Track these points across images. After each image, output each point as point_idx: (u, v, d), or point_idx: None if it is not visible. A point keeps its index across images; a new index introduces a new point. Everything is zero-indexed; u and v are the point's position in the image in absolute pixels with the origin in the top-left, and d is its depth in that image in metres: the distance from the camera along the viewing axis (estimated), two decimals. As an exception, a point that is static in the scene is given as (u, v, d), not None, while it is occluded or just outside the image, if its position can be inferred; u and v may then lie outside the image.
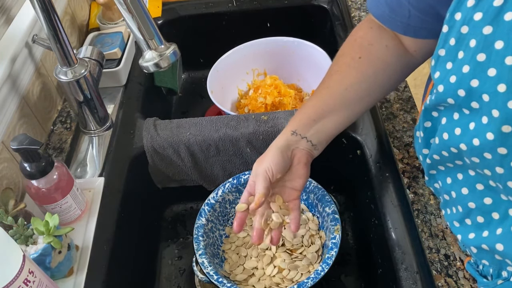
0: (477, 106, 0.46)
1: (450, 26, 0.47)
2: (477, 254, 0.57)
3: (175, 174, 0.87)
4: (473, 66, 0.45)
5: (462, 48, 0.46)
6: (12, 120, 0.77)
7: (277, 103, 1.00)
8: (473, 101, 0.47)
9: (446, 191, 0.58)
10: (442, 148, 0.53)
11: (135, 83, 0.98)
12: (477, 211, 0.55)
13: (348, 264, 0.85)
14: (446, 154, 0.53)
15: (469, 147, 0.48)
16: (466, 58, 0.46)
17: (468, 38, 0.45)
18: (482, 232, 0.54)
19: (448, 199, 0.59)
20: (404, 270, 0.63)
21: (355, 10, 1.08)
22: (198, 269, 0.75)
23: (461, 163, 0.53)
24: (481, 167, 0.50)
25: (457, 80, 0.47)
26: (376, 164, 0.77)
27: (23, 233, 0.62)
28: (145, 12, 0.62)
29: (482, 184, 0.52)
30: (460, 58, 0.46)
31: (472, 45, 0.45)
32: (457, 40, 0.47)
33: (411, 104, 0.86)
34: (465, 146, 0.49)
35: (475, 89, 0.45)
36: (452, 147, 0.51)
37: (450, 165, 0.55)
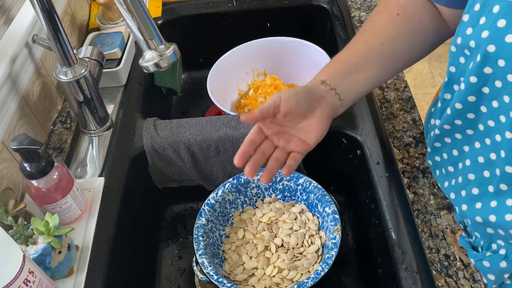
0: (490, 71, 0.48)
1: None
2: (471, 226, 0.59)
3: (175, 174, 0.87)
4: (492, 32, 0.46)
5: (485, 14, 0.47)
6: (12, 120, 0.77)
7: (277, 103, 1.00)
8: (486, 67, 0.48)
9: (452, 163, 0.59)
10: (456, 117, 0.54)
11: (135, 83, 0.98)
12: (475, 182, 0.56)
13: (348, 264, 0.85)
14: (459, 123, 0.54)
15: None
16: (487, 23, 0.46)
17: (492, 4, 0.46)
18: (475, 203, 0.55)
19: (452, 170, 0.60)
20: (404, 270, 0.63)
21: (355, 10, 1.08)
22: (198, 269, 0.75)
23: (472, 132, 0.55)
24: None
25: (476, 44, 0.48)
26: (376, 164, 0.77)
27: (23, 233, 0.62)
28: (145, 12, 0.62)
29: (483, 157, 0.54)
30: (481, 23, 0.47)
31: (495, 10, 0.46)
32: (482, 6, 0.47)
33: (411, 104, 0.86)
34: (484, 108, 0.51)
35: (492, 54, 0.46)
36: (469, 112, 0.53)
37: (458, 136, 0.57)
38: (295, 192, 0.82)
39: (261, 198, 0.84)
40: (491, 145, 0.53)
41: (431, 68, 2.27)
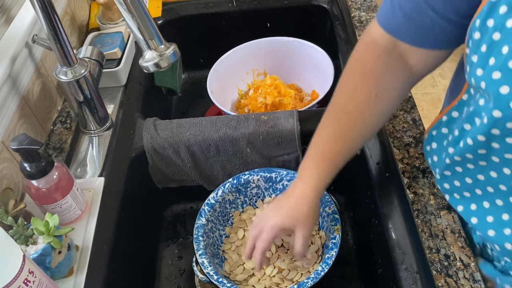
0: (500, 115, 0.47)
1: (482, 33, 0.47)
2: (500, 251, 0.60)
3: (175, 174, 0.87)
4: (504, 73, 0.45)
5: (494, 55, 0.46)
6: (12, 120, 0.77)
7: (277, 103, 1.00)
8: (496, 110, 0.47)
9: (467, 189, 0.60)
10: (469, 150, 0.55)
11: (135, 83, 0.98)
12: (504, 209, 0.57)
13: (348, 264, 0.85)
14: (470, 157, 0.55)
15: None
16: (497, 64, 0.45)
17: (500, 44, 0.45)
18: (504, 229, 0.57)
19: (468, 196, 0.61)
20: (404, 270, 0.63)
21: (355, 10, 1.08)
22: (198, 269, 0.75)
23: (485, 164, 0.55)
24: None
25: (486, 86, 0.47)
26: (376, 164, 0.77)
27: (23, 233, 0.62)
28: (145, 12, 0.62)
29: (505, 186, 0.55)
30: (491, 64, 0.46)
31: (504, 51, 0.45)
32: (489, 47, 0.46)
33: (411, 104, 0.86)
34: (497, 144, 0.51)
35: (504, 96, 0.45)
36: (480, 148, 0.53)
37: (470, 166, 0.57)
38: (295, 192, 0.81)
39: (261, 198, 0.84)
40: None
41: (431, 68, 2.26)
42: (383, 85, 0.62)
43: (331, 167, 0.64)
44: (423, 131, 0.80)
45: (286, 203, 0.65)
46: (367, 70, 0.62)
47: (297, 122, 0.81)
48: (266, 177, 0.82)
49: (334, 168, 0.64)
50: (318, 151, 0.65)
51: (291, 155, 0.84)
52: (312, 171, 0.64)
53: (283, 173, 0.81)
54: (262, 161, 0.85)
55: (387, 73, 0.61)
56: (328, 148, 0.64)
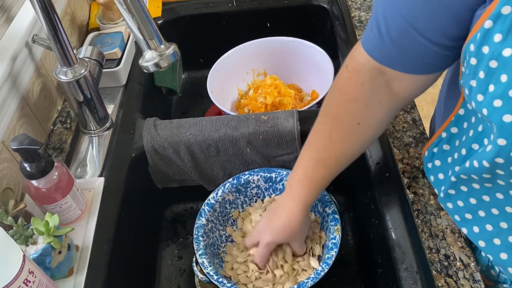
0: (504, 143, 0.46)
1: (478, 59, 0.46)
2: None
3: (175, 174, 0.87)
4: (506, 101, 0.44)
5: (493, 82, 0.45)
6: (12, 120, 0.77)
7: (277, 103, 1.00)
8: (500, 138, 0.46)
9: (469, 210, 0.60)
10: (474, 172, 0.54)
11: (135, 83, 0.98)
12: (509, 231, 0.57)
13: (348, 264, 0.85)
14: (476, 178, 0.55)
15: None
16: (497, 92, 0.45)
17: (498, 72, 0.44)
18: None
19: (470, 218, 0.61)
20: (404, 270, 0.63)
21: (355, 10, 1.08)
22: (198, 269, 0.75)
23: (491, 185, 0.55)
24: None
25: (488, 113, 0.47)
26: (376, 164, 0.77)
27: (23, 233, 0.62)
28: (145, 12, 0.62)
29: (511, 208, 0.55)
30: (491, 91, 0.46)
31: (503, 80, 0.44)
32: (486, 74, 0.46)
33: (411, 104, 0.86)
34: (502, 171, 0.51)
35: (508, 124, 0.45)
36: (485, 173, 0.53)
37: (476, 186, 0.57)
38: (295, 192, 0.81)
39: (261, 198, 0.84)
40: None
41: (431, 68, 2.26)
42: (367, 114, 0.62)
43: (317, 188, 0.69)
44: (423, 131, 0.80)
45: (278, 220, 0.70)
46: (350, 98, 0.62)
47: (297, 122, 0.81)
48: (266, 177, 0.82)
49: (319, 189, 0.69)
50: (305, 173, 0.68)
51: (291, 155, 0.84)
52: (300, 191, 0.69)
53: (283, 173, 0.81)
54: (262, 161, 0.85)
55: (371, 102, 0.61)
56: (313, 172, 0.68)
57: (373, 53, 0.57)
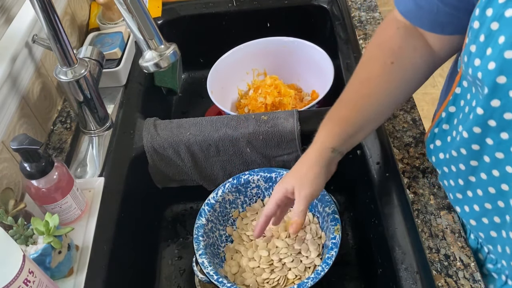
0: (498, 104, 0.47)
1: (481, 23, 0.47)
2: (501, 254, 0.61)
3: (175, 174, 0.87)
4: (499, 63, 0.45)
5: (491, 45, 0.46)
6: (12, 120, 0.77)
7: (277, 103, 1.00)
8: (494, 99, 0.47)
9: (459, 190, 0.62)
10: (462, 146, 0.56)
11: (135, 83, 0.98)
12: (494, 212, 0.58)
13: (348, 264, 0.85)
14: (464, 152, 0.56)
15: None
16: (493, 54, 0.46)
17: (497, 34, 0.45)
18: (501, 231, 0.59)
19: (461, 198, 0.62)
20: (404, 270, 0.63)
21: (355, 10, 1.08)
22: (198, 269, 0.75)
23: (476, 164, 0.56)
24: None
25: (483, 76, 0.47)
26: (376, 164, 0.77)
27: (23, 233, 0.62)
28: (145, 12, 0.62)
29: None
30: (488, 54, 0.46)
31: (500, 41, 0.45)
32: (487, 37, 0.46)
33: (411, 104, 0.86)
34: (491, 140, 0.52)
35: (501, 85, 0.46)
36: (474, 144, 0.54)
37: (462, 167, 0.59)
38: (295, 192, 0.82)
39: (261, 198, 0.84)
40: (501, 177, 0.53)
41: (431, 68, 2.26)
42: (401, 54, 0.62)
43: (340, 130, 0.64)
44: (423, 131, 0.80)
45: (292, 168, 0.67)
46: (385, 39, 0.64)
47: (297, 122, 0.81)
48: (266, 177, 0.82)
49: (342, 132, 0.64)
50: (331, 114, 0.65)
51: (291, 155, 0.84)
52: (322, 133, 0.65)
53: (283, 173, 0.81)
54: (262, 161, 0.85)
55: (405, 45, 0.62)
56: (338, 113, 0.65)
57: (400, 9, 0.61)
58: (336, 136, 0.63)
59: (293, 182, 0.65)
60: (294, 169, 0.66)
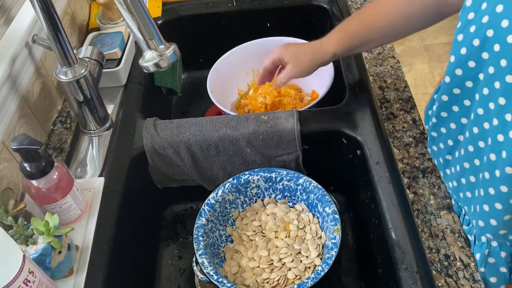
0: (487, 56, 0.49)
1: None
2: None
3: (175, 174, 0.87)
4: (491, 17, 0.47)
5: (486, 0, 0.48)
6: (12, 120, 0.77)
7: (277, 103, 1.00)
8: (484, 52, 0.49)
9: (448, 152, 0.66)
10: (453, 103, 0.59)
11: (135, 83, 0.98)
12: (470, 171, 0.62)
13: (348, 264, 0.85)
14: (456, 109, 0.60)
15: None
16: (487, 8, 0.47)
17: None
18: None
19: (450, 159, 0.67)
20: (404, 270, 0.63)
21: (355, 10, 1.08)
22: (198, 269, 0.75)
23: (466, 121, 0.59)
24: None
25: (475, 29, 0.49)
26: (376, 164, 0.77)
27: (23, 233, 0.62)
28: (145, 12, 0.62)
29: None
30: (482, 9, 0.48)
31: None
32: None
33: (411, 104, 0.86)
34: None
35: (490, 38, 0.47)
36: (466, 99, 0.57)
37: (452, 126, 0.62)
38: (295, 192, 0.82)
39: (261, 198, 0.84)
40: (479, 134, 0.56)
41: (431, 68, 2.27)
42: None
43: (344, 39, 0.73)
44: (423, 131, 0.81)
45: (297, 47, 0.81)
46: None
47: (297, 122, 0.81)
48: (266, 177, 0.82)
49: (348, 44, 0.74)
50: (339, 26, 0.75)
51: (291, 155, 0.83)
52: (328, 38, 0.76)
53: (283, 173, 0.81)
54: (262, 161, 0.85)
55: None
56: (346, 25, 0.74)
57: None
58: (341, 45, 0.74)
59: (290, 59, 0.79)
60: (297, 49, 0.79)
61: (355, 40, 0.73)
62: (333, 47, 0.75)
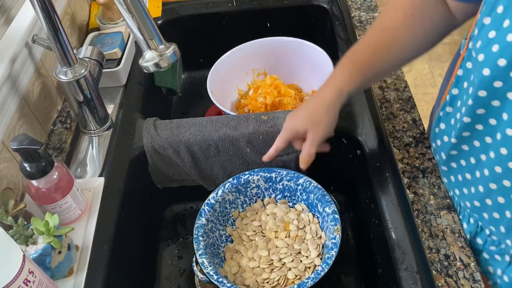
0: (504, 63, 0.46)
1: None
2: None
3: (175, 174, 0.87)
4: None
5: (509, 16, 0.45)
6: (12, 120, 0.77)
7: (277, 103, 1.00)
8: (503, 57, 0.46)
9: (469, 170, 0.62)
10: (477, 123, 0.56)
11: (135, 83, 0.98)
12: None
13: (348, 264, 0.85)
14: (481, 128, 0.56)
15: None
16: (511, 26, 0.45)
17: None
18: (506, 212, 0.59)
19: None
20: (404, 270, 0.63)
21: (355, 10, 1.08)
22: (198, 269, 0.75)
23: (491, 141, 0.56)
24: None
25: (499, 49, 0.46)
26: (376, 164, 0.77)
27: (23, 233, 0.62)
28: (145, 12, 0.62)
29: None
30: (505, 26, 0.46)
31: None
32: (506, 7, 0.46)
33: (411, 104, 0.86)
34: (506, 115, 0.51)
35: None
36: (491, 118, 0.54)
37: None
38: (295, 192, 0.82)
39: (261, 198, 0.84)
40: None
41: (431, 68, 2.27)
42: (421, 7, 0.63)
43: (357, 74, 0.64)
44: (423, 131, 0.81)
45: (305, 107, 0.67)
46: None
47: (297, 122, 0.81)
48: (266, 177, 0.82)
49: (359, 75, 0.65)
50: (347, 58, 0.66)
51: (291, 155, 0.84)
52: (337, 76, 0.65)
53: (283, 173, 0.81)
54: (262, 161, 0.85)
55: (427, 3, 0.62)
56: (357, 56, 0.65)
57: None
58: (355, 81, 0.65)
59: (306, 126, 0.66)
60: (308, 110, 0.66)
61: (367, 73, 0.65)
62: (347, 87, 0.65)
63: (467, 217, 0.68)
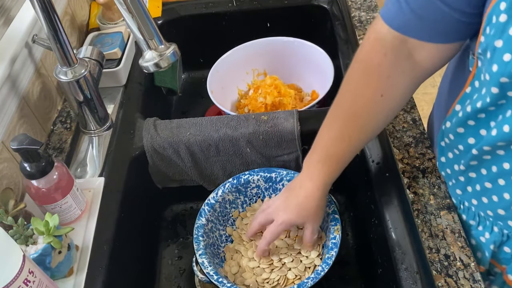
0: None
1: (509, 15, 0.45)
2: None
3: (175, 174, 0.87)
4: None
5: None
6: (12, 120, 0.77)
7: (277, 103, 1.00)
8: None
9: (489, 179, 0.60)
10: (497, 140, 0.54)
11: (135, 83, 0.98)
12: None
13: (348, 264, 0.85)
14: (502, 143, 0.54)
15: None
16: None
17: None
18: None
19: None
20: (404, 270, 0.63)
21: (355, 10, 1.08)
22: (198, 269, 0.75)
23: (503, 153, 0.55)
24: None
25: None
26: (376, 164, 0.77)
27: (23, 233, 0.62)
28: (145, 12, 0.62)
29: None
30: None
31: None
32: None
33: (411, 104, 0.86)
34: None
35: None
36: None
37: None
38: (295, 192, 0.81)
39: (261, 198, 0.84)
40: None
41: (431, 68, 2.26)
42: (390, 85, 0.61)
43: (338, 166, 0.67)
44: (423, 131, 0.81)
45: (295, 201, 0.68)
46: (373, 70, 0.61)
47: (297, 122, 0.81)
48: (266, 177, 0.82)
49: (340, 167, 0.67)
50: (325, 151, 0.66)
51: (291, 155, 0.84)
52: (319, 170, 0.66)
53: (283, 173, 0.81)
54: (262, 161, 0.85)
55: (393, 73, 0.60)
56: (335, 149, 0.66)
57: (392, 22, 0.57)
58: (336, 172, 0.67)
59: (303, 220, 0.69)
60: (300, 205, 0.68)
61: (346, 160, 0.67)
62: (330, 179, 0.67)
63: (490, 227, 0.66)
